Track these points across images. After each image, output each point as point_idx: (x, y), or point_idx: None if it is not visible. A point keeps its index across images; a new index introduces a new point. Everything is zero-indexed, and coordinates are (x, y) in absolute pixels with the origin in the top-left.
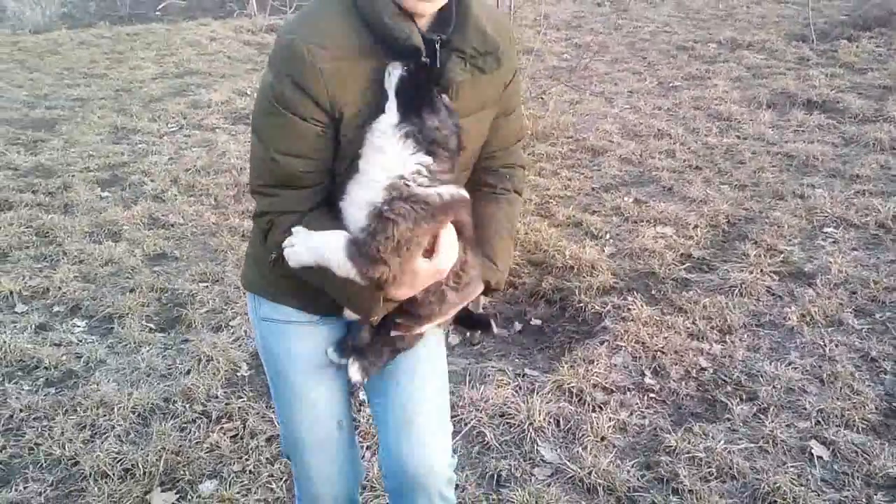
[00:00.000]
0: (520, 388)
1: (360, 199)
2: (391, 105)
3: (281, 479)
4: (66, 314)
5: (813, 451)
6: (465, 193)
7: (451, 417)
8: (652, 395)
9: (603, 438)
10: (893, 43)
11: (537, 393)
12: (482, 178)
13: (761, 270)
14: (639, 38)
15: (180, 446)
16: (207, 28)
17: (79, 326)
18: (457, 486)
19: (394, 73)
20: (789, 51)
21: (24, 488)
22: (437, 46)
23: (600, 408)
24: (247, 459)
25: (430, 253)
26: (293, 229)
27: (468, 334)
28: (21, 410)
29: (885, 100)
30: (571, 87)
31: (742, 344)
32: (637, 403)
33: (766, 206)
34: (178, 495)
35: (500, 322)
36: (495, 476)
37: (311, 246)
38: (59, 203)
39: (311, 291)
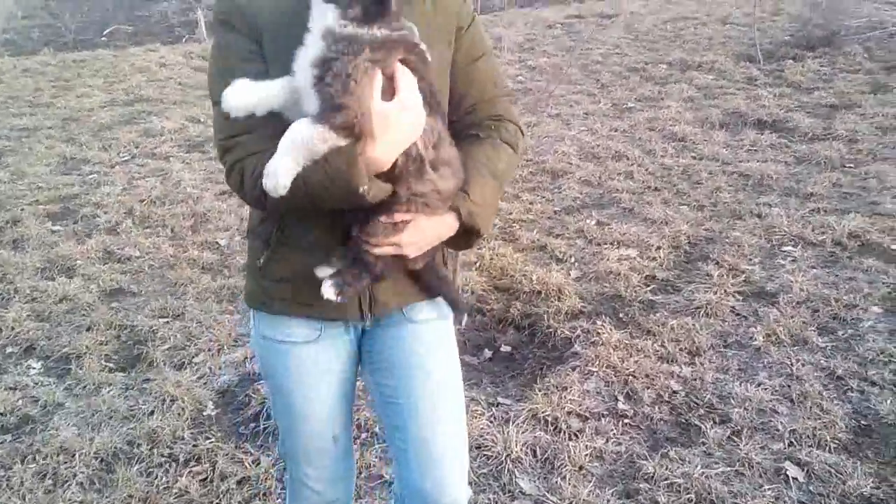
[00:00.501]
0: (494, 417)
1: (304, 66)
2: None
3: None
4: (20, 355)
5: (788, 472)
6: (409, 35)
7: None
8: (626, 420)
9: (581, 467)
10: (836, 62)
11: (512, 422)
12: (465, 131)
13: (725, 291)
14: (591, 61)
15: (147, 492)
16: (156, 54)
17: (34, 368)
18: None
19: None
20: (738, 71)
21: None
22: None
23: (576, 435)
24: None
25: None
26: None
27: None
28: None
29: (832, 118)
30: (528, 109)
31: (711, 365)
32: (612, 430)
33: (726, 226)
34: None
35: (470, 349)
36: None
37: (280, 156)
38: (9, 238)
39: (307, 291)
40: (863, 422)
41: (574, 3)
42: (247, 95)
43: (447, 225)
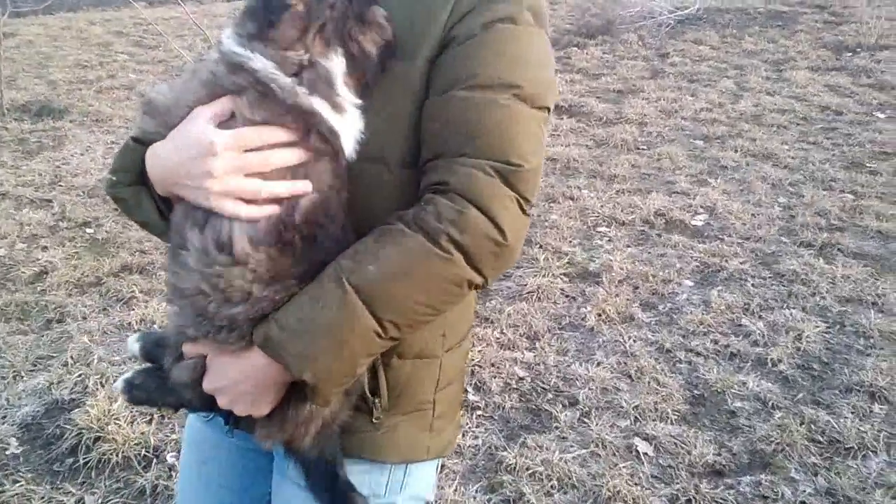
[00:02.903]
0: None
1: None
2: None
3: None
4: None
5: (638, 448)
6: (293, 94)
7: None
8: (479, 412)
9: (442, 466)
10: (616, 50)
11: None
12: None
13: (552, 274)
14: None
15: None
16: None
17: None
18: None
19: None
20: None
21: None
22: None
23: None
24: None
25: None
26: None
27: None
28: None
29: (621, 103)
30: None
31: (551, 349)
32: (467, 423)
33: (544, 210)
34: None
35: None
36: None
37: None
38: None
39: None
40: (695, 392)
41: None
42: None
43: (255, 365)
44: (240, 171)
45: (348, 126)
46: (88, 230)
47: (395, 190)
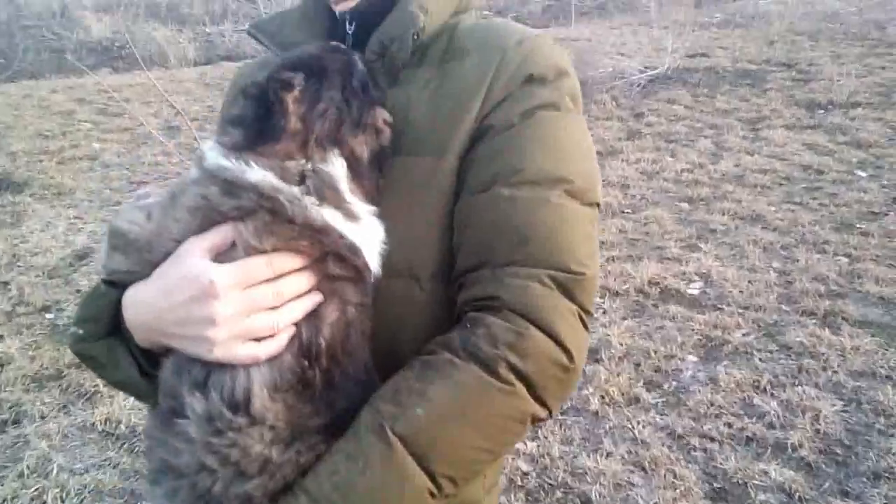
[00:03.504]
0: None
1: None
2: None
3: None
4: None
5: None
6: (305, 209)
7: None
8: None
9: None
10: (591, 111)
11: None
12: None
13: None
14: None
15: None
16: None
17: None
18: None
19: None
20: None
21: None
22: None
23: None
24: None
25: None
26: None
27: None
28: None
29: (601, 165)
30: None
31: (555, 438)
32: None
33: None
34: None
35: None
36: None
37: None
38: None
39: None
40: (715, 484)
41: None
42: None
43: None
44: (247, 312)
45: (368, 237)
46: (48, 315)
47: (427, 308)
